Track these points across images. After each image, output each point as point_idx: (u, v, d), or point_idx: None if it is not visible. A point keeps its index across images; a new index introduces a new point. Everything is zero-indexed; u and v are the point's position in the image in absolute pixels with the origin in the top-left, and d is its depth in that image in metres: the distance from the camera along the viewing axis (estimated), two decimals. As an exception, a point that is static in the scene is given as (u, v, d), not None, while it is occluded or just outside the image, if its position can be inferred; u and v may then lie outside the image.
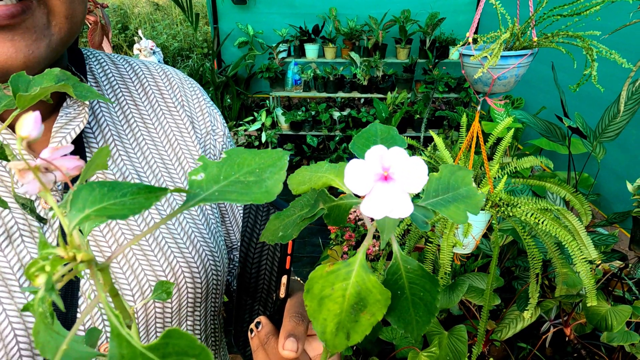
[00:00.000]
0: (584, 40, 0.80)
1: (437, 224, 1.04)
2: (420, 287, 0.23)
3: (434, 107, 3.13)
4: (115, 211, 0.16)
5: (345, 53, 3.32)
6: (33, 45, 0.34)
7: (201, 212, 0.49)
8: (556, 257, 1.02)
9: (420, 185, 0.20)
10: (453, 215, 0.23)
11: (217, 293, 0.50)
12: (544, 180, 1.08)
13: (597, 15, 0.88)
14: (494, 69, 0.91)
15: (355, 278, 0.22)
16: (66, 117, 0.40)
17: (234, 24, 3.59)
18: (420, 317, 0.23)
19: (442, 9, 3.20)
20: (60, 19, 0.36)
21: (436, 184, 0.24)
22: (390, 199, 0.20)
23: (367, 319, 0.21)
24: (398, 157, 0.20)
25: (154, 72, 0.51)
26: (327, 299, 0.22)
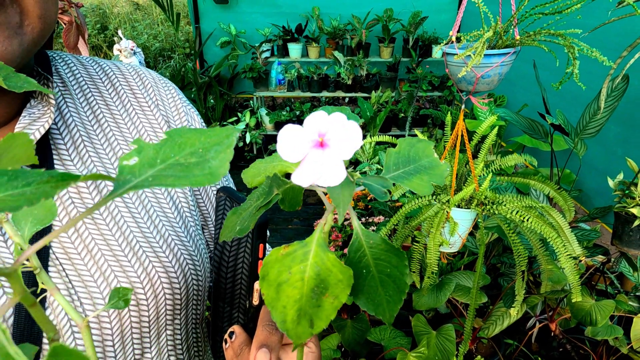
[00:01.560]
0: (566, 38, 0.80)
1: (424, 224, 1.04)
2: (387, 262, 0.21)
3: (418, 106, 3.14)
4: (10, 202, 0.13)
5: (329, 52, 3.31)
6: (5, 42, 0.33)
7: (178, 214, 0.48)
8: (541, 253, 1.03)
9: (352, 150, 0.19)
10: (417, 187, 0.22)
11: (198, 300, 0.48)
12: (527, 177, 1.09)
13: (578, 13, 0.89)
14: (478, 68, 0.91)
15: (314, 258, 0.21)
16: (30, 118, 0.39)
17: (216, 23, 3.55)
18: (391, 297, 0.21)
19: (425, 7, 3.22)
20: (34, 19, 0.35)
21: (395, 157, 0.23)
22: (323, 165, 0.19)
23: (330, 303, 0.20)
24: (336, 122, 0.19)
25: (125, 72, 0.50)
26: (285, 284, 0.20)
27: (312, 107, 3.38)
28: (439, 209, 1.02)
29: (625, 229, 1.15)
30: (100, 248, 0.41)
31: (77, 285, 0.39)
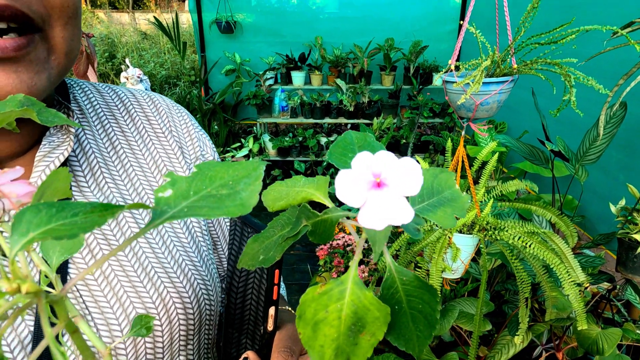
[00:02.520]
0: (562, 67, 0.82)
1: (426, 249, 1.04)
2: (419, 299, 0.22)
3: (419, 132, 3.18)
4: (64, 231, 0.14)
5: (332, 80, 3.38)
6: (35, 77, 0.35)
7: (192, 239, 0.48)
8: (545, 280, 1.02)
9: (417, 186, 0.19)
10: (441, 220, 0.22)
11: (210, 324, 0.48)
12: (529, 203, 1.09)
13: (574, 43, 0.91)
14: (477, 95, 0.93)
15: (350, 297, 0.20)
16: (49, 146, 0.40)
17: (221, 52, 3.64)
18: (421, 332, 0.21)
19: (425, 37, 3.30)
20: (60, 55, 0.37)
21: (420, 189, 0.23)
22: (388, 205, 0.18)
23: (367, 340, 0.20)
24: (387, 161, 0.19)
25: (140, 99, 0.51)
26: (322, 323, 0.20)
27: (315, 133, 3.41)
28: (440, 234, 1.02)
29: (629, 255, 1.14)
30: (117, 274, 0.41)
31: (94, 311, 0.39)
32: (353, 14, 3.60)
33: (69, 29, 0.37)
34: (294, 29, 3.62)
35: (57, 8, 0.35)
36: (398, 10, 3.54)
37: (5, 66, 0.33)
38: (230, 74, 3.64)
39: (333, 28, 3.59)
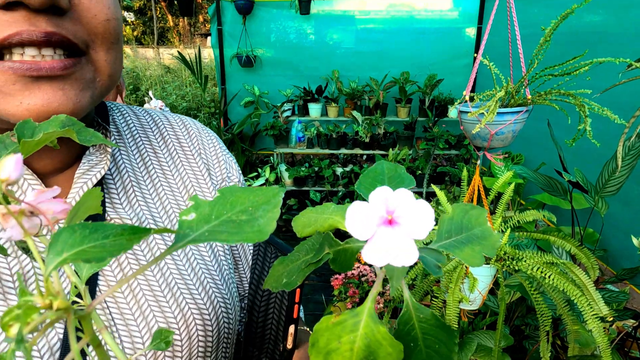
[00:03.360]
0: (576, 97, 0.83)
1: (442, 278, 1.03)
2: (435, 338, 0.21)
3: (435, 164, 3.18)
4: (94, 254, 0.15)
5: (348, 112, 3.44)
6: (80, 95, 0.37)
7: (214, 258, 0.50)
8: (566, 313, 1.00)
9: (426, 231, 0.19)
10: (468, 258, 0.21)
11: (228, 342, 0.49)
12: (548, 234, 1.08)
13: (588, 75, 0.93)
14: (492, 125, 0.95)
15: (364, 329, 0.20)
16: (88, 164, 0.43)
17: (240, 85, 3.76)
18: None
19: (440, 71, 3.36)
20: (104, 76, 0.40)
21: (448, 224, 0.23)
22: (394, 244, 0.18)
23: None
24: (404, 200, 0.19)
25: (173, 123, 0.55)
26: (334, 353, 0.20)
27: (331, 163, 3.45)
28: (457, 263, 1.01)
29: (654, 289, 1.11)
30: (142, 288, 0.42)
31: (119, 323, 0.41)
32: (369, 49, 3.70)
33: (112, 53, 0.40)
34: (312, 63, 3.73)
35: (100, 35, 0.38)
36: (413, 45, 3.63)
37: (54, 83, 0.36)
38: (249, 106, 3.74)
39: (349, 62, 3.69)
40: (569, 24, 2.29)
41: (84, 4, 0.37)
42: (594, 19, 2.19)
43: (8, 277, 0.38)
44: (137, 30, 13.91)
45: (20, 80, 0.34)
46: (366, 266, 1.95)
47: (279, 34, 3.75)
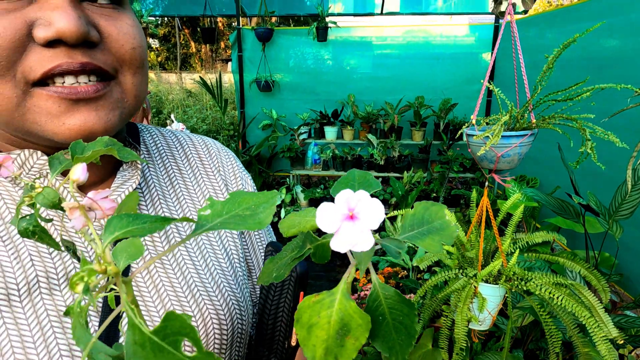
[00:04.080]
0: (578, 122, 0.87)
1: (452, 296, 1.04)
2: (399, 312, 0.25)
3: (450, 186, 3.19)
4: (137, 231, 0.21)
5: (363, 135, 3.49)
6: (110, 114, 0.43)
7: (230, 265, 0.55)
8: (576, 335, 1.00)
9: (378, 222, 0.22)
10: (428, 247, 0.26)
11: (241, 342, 0.53)
12: (557, 255, 1.09)
13: (592, 100, 0.96)
14: (498, 148, 0.98)
15: (338, 305, 0.24)
16: (122, 179, 0.49)
17: (259, 108, 3.87)
18: (403, 341, 0.25)
19: (455, 95, 3.40)
20: (131, 97, 0.46)
21: (411, 219, 0.27)
22: (355, 235, 0.23)
23: (352, 343, 0.23)
24: (362, 199, 0.23)
25: (196, 143, 0.62)
26: (315, 326, 0.24)
27: (346, 185, 3.49)
28: (465, 282, 1.03)
29: (667, 313, 1.10)
30: (165, 288, 0.47)
31: (140, 305, 0.45)
32: (385, 74, 3.78)
33: (138, 77, 0.46)
34: (328, 87, 3.83)
35: (127, 61, 0.44)
36: (429, 70, 3.70)
37: (89, 105, 0.41)
38: (266, 129, 3.84)
39: (365, 87, 3.77)
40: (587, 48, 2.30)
41: (112, 36, 0.43)
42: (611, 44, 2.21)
43: (54, 275, 0.43)
44: (161, 56, 14.44)
45: (63, 104, 0.40)
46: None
47: (297, 59, 3.87)
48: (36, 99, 0.40)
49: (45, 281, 0.43)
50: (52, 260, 0.44)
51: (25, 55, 0.39)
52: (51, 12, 0.38)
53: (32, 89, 0.40)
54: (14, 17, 0.38)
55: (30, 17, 0.38)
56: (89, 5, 0.41)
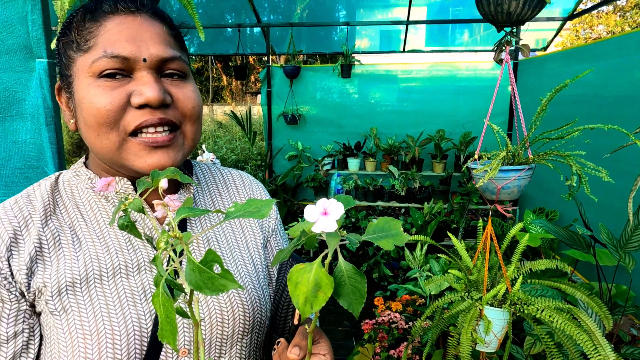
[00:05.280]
0: (567, 158, 0.96)
1: (459, 317, 1.12)
2: (355, 280, 0.38)
3: (470, 217, 3.24)
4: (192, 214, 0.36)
5: (385, 166, 3.61)
6: (176, 155, 0.60)
7: (254, 270, 0.69)
8: (577, 359, 1.05)
9: (339, 215, 0.37)
10: (384, 245, 0.39)
11: (260, 330, 0.66)
12: (558, 282, 1.16)
13: (587, 137, 1.06)
14: (498, 180, 1.08)
15: (315, 271, 0.38)
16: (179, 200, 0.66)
17: (285, 140, 4.06)
18: (357, 299, 0.38)
19: (475, 128, 3.50)
20: (189, 141, 0.62)
21: (375, 227, 0.41)
22: (326, 222, 0.37)
23: (322, 296, 0.37)
24: (330, 203, 0.38)
25: (234, 175, 0.78)
26: (299, 284, 0.37)
27: (367, 215, 3.58)
28: (470, 304, 1.11)
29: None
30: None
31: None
32: (407, 108, 3.92)
33: (196, 125, 0.62)
34: (352, 120, 4.00)
35: (188, 116, 0.61)
36: (451, 103, 3.82)
37: (162, 150, 0.58)
38: (292, 159, 4.02)
39: (388, 120, 3.92)
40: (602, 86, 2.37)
41: (180, 100, 0.60)
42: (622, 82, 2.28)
43: (130, 265, 0.59)
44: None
45: (146, 149, 0.57)
46: (397, 314, 2.02)
47: (322, 93, 4.08)
48: (130, 145, 0.57)
49: (124, 268, 0.58)
50: (129, 254, 0.60)
51: (125, 114, 0.56)
52: (142, 86, 0.56)
53: (128, 137, 0.57)
54: (120, 90, 0.56)
55: (129, 90, 0.56)
56: (165, 79, 0.59)
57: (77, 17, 0.58)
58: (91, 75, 0.55)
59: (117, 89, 0.55)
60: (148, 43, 0.56)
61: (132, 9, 0.57)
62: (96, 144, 0.57)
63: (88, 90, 0.55)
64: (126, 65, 0.56)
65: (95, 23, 0.56)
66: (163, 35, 0.58)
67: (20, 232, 0.57)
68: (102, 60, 0.54)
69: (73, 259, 0.57)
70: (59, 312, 0.55)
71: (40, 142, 1.27)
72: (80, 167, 0.65)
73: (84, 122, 0.57)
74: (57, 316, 0.55)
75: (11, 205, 0.60)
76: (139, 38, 0.56)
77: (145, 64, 0.56)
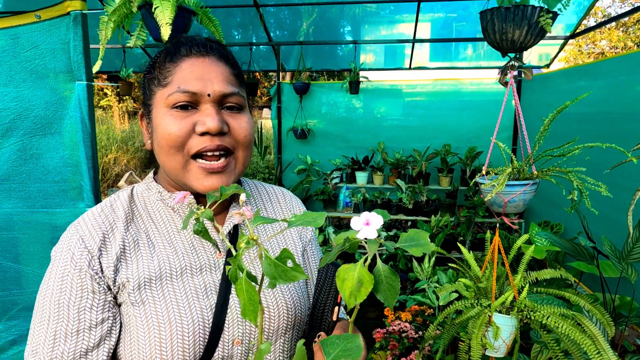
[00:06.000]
0: (569, 174, 1.04)
1: (469, 323, 1.19)
2: (390, 278, 0.46)
3: (476, 230, 3.30)
4: (264, 221, 0.44)
5: (392, 180, 3.69)
6: (228, 179, 0.70)
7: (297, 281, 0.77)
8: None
9: (379, 225, 0.45)
10: (414, 252, 0.47)
11: (300, 326, 0.75)
12: (563, 290, 1.23)
13: (587, 154, 1.14)
14: (505, 194, 1.16)
15: (358, 270, 0.46)
16: (232, 212, 0.75)
17: (295, 154, 4.17)
18: (391, 294, 0.46)
19: (481, 143, 3.58)
20: (240, 166, 0.72)
21: (406, 237, 0.49)
22: (368, 231, 0.45)
23: (364, 290, 0.45)
24: (371, 215, 0.46)
25: (277, 191, 0.88)
26: (346, 280, 0.46)
27: (376, 228, 3.66)
28: (480, 311, 1.18)
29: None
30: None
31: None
32: (413, 123, 4.02)
33: (246, 152, 0.72)
34: (359, 135, 4.09)
35: (241, 142, 0.71)
36: (456, 117, 3.90)
37: (217, 174, 0.68)
38: (301, 173, 4.11)
39: (394, 135, 4.01)
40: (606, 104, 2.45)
41: (235, 129, 0.70)
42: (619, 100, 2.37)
43: (194, 266, 0.69)
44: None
45: (204, 173, 0.68)
46: (407, 323, 2.08)
47: (331, 109, 4.19)
48: (191, 167, 0.68)
49: (189, 269, 0.68)
50: (192, 257, 0.70)
51: (190, 139, 0.67)
52: (205, 117, 0.66)
53: (190, 159, 0.67)
54: (187, 120, 0.67)
55: (195, 120, 0.67)
56: (225, 111, 0.70)
57: (160, 58, 0.70)
58: (166, 106, 0.67)
59: (186, 118, 0.66)
60: (213, 81, 0.67)
61: (203, 52, 0.68)
62: (165, 162, 0.68)
63: (163, 118, 0.67)
64: (194, 99, 0.66)
65: (173, 64, 0.68)
66: (225, 74, 0.69)
67: (108, 235, 0.68)
68: (176, 94, 0.66)
69: (149, 259, 0.68)
70: (138, 304, 0.65)
71: (77, 157, 1.36)
72: (150, 182, 0.76)
73: (157, 143, 0.69)
74: (136, 307, 0.65)
75: (99, 213, 0.70)
76: (206, 77, 0.67)
77: (209, 98, 0.67)
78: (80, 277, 0.64)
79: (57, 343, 0.63)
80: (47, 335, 0.64)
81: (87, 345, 0.64)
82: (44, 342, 0.64)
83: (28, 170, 1.37)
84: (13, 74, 1.30)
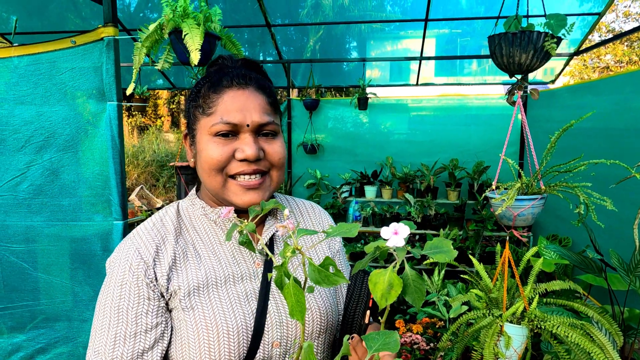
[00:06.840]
0: (575, 189, 1.10)
1: (481, 333, 1.24)
2: (417, 282, 0.52)
3: (484, 244, 3.33)
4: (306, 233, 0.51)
5: (400, 194, 3.75)
6: (264, 195, 0.78)
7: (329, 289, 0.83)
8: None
9: (406, 235, 0.51)
10: (438, 258, 0.53)
11: (331, 330, 0.81)
12: (572, 302, 1.27)
13: (592, 170, 1.20)
14: (514, 208, 1.22)
15: (389, 275, 0.51)
16: (268, 224, 0.82)
17: (304, 168, 4.24)
18: (419, 296, 0.51)
19: (488, 157, 3.63)
20: (274, 183, 0.80)
21: (431, 245, 0.55)
22: (396, 240, 0.51)
23: (394, 293, 0.50)
24: (399, 226, 0.52)
25: (307, 205, 0.95)
26: (378, 283, 0.51)
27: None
28: (491, 320, 1.23)
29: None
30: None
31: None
32: (420, 138, 4.09)
33: (280, 172, 0.79)
34: (367, 149, 4.17)
35: (275, 165, 0.78)
36: (463, 132, 3.97)
37: (254, 191, 0.76)
38: (311, 187, 4.18)
39: (402, 149, 4.08)
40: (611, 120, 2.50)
41: (270, 154, 0.78)
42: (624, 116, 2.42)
43: (236, 275, 0.76)
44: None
45: (242, 189, 0.75)
46: (418, 335, 2.11)
47: (339, 124, 4.28)
48: (230, 185, 0.76)
49: (232, 278, 0.75)
50: (234, 267, 0.77)
51: (229, 164, 0.75)
52: (244, 145, 0.74)
53: (228, 179, 0.75)
54: (228, 147, 0.75)
55: (234, 146, 0.75)
56: (261, 137, 0.77)
57: (204, 88, 0.77)
58: (210, 133, 0.75)
59: (226, 145, 0.75)
60: (252, 112, 0.75)
61: (242, 84, 0.76)
62: (207, 181, 0.77)
63: (207, 144, 0.75)
64: (234, 128, 0.75)
65: (216, 94, 0.76)
66: (263, 105, 0.77)
67: (160, 247, 0.75)
68: (219, 125, 0.74)
69: (197, 269, 0.75)
70: (188, 309, 0.72)
71: (106, 173, 1.44)
72: (194, 198, 0.84)
73: (200, 165, 0.77)
74: (187, 312, 0.72)
75: (151, 227, 0.78)
76: (245, 108, 0.75)
77: (248, 128, 0.75)
78: (138, 285, 0.71)
79: (117, 345, 0.70)
80: (108, 337, 0.70)
81: (143, 347, 0.70)
82: (105, 344, 0.70)
83: (60, 185, 1.45)
84: (49, 95, 1.40)
